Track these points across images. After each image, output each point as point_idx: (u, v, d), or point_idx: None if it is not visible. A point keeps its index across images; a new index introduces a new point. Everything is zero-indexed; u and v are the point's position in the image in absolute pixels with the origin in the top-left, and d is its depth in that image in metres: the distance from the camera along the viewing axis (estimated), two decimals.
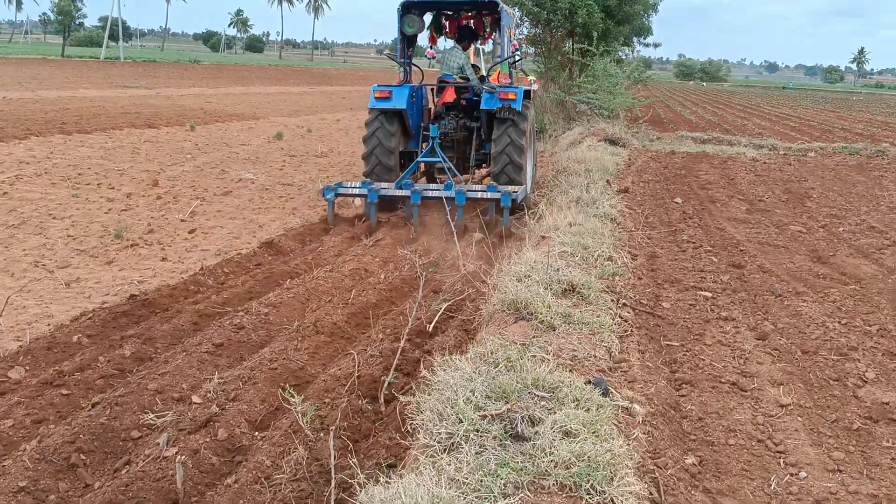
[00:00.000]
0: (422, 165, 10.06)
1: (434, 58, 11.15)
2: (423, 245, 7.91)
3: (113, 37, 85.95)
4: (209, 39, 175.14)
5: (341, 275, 6.51)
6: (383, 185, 8.89)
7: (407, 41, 9.95)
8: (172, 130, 18.00)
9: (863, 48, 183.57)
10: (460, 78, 9.81)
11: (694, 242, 7.70)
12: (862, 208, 10.17)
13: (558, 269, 5.42)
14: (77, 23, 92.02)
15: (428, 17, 10.10)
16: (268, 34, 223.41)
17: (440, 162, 9.22)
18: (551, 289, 5.03)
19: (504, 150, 8.96)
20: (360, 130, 21.13)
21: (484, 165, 10.09)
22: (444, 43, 11.00)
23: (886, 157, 16.65)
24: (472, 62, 10.39)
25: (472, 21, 10.38)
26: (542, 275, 5.20)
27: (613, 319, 4.82)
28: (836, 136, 24.83)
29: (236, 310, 5.43)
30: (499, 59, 10.49)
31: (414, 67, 10.28)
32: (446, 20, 10.40)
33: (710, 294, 5.85)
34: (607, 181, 10.47)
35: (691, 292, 5.92)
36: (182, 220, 8.85)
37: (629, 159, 13.99)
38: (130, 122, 18.98)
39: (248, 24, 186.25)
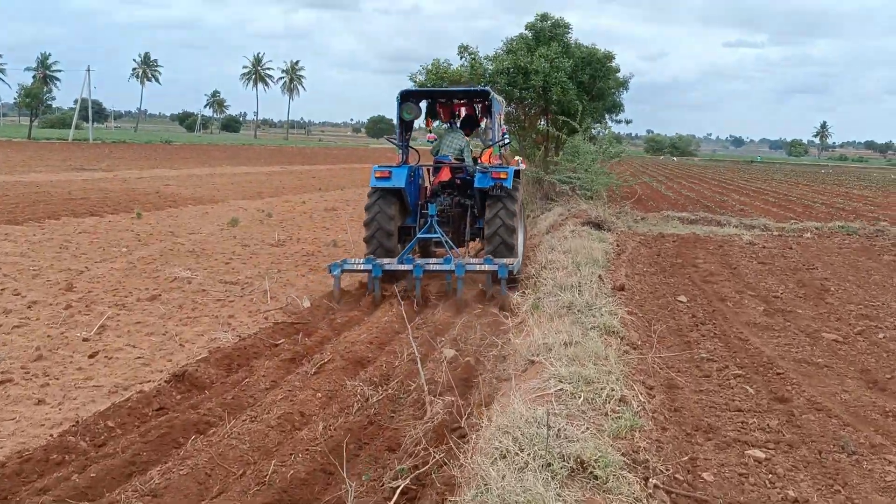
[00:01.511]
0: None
1: (434, 141, 11.35)
2: (381, 369, 6.32)
3: (88, 119, 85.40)
4: (185, 120, 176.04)
5: (265, 426, 4.87)
6: (385, 260, 9.34)
7: (405, 126, 10.66)
8: (116, 219, 16.43)
9: (825, 122, 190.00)
10: (456, 159, 10.50)
11: (717, 362, 6.21)
12: (892, 303, 8.83)
13: (558, 432, 3.86)
14: (45, 104, 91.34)
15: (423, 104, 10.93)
16: (245, 114, 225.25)
17: (438, 237, 9.84)
18: (552, 471, 3.47)
19: (496, 232, 9.62)
20: (325, 213, 19.93)
21: (477, 239, 10.85)
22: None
23: (887, 237, 15.55)
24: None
25: (465, 109, 11.34)
26: (537, 446, 3.63)
27: None
28: (819, 212, 24.11)
29: None
30: (490, 142, 11.02)
31: (411, 149, 10.93)
32: (440, 107, 11.16)
33: (762, 454, 4.30)
34: (599, 276, 9.04)
35: (736, 450, 4.37)
36: (85, 340, 7.18)
37: (617, 246, 12.66)
38: (72, 209, 17.40)
39: (225, 104, 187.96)
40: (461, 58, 21.19)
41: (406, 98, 10.35)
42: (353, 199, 24.61)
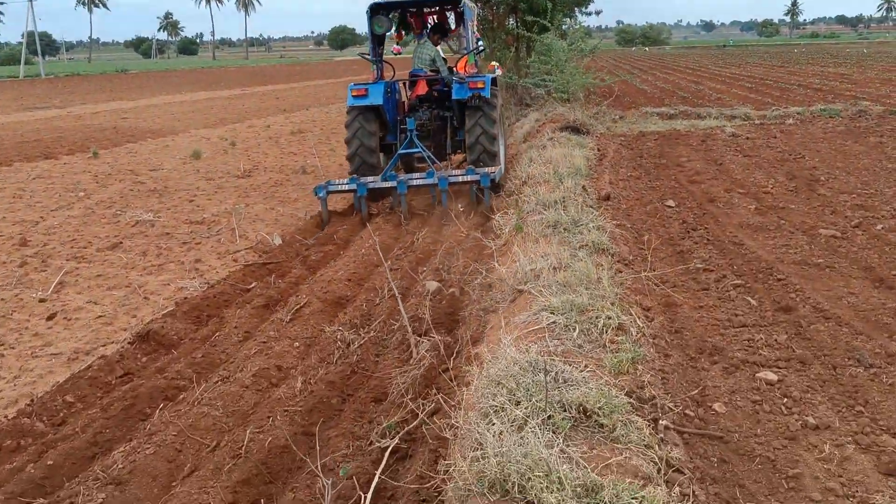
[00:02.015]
0: None
1: (399, 53, 11.62)
2: (361, 309, 5.94)
3: (37, 52, 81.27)
4: (140, 46, 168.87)
5: (239, 386, 4.50)
6: (369, 178, 9.30)
7: (377, 40, 10.38)
8: (72, 160, 15.59)
9: (795, 0, 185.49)
10: (430, 70, 10.25)
11: (714, 272, 5.88)
12: (885, 190, 8.51)
13: (556, 376, 3.52)
14: None
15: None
16: (201, 35, 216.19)
17: (419, 152, 9.71)
18: (553, 424, 3.13)
19: (477, 140, 9.50)
20: (291, 137, 19.12)
21: (459, 151, 10.68)
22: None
23: (870, 118, 15.15)
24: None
25: (436, 17, 10.97)
26: (535, 397, 3.29)
27: (661, 471, 2.96)
28: (798, 95, 23.64)
29: (56, 499, 3.41)
30: (465, 51, 10.82)
31: (385, 63, 10.61)
32: (411, 18, 10.87)
33: (773, 375, 4.01)
34: (583, 187, 8.61)
35: (746, 373, 4.08)
36: (42, 301, 6.71)
37: (598, 150, 12.16)
38: (25, 153, 16.50)
39: (179, 26, 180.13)
40: None
41: (376, 11, 10.01)
42: (320, 120, 23.70)
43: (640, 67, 50.35)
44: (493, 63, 12.12)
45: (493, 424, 3.10)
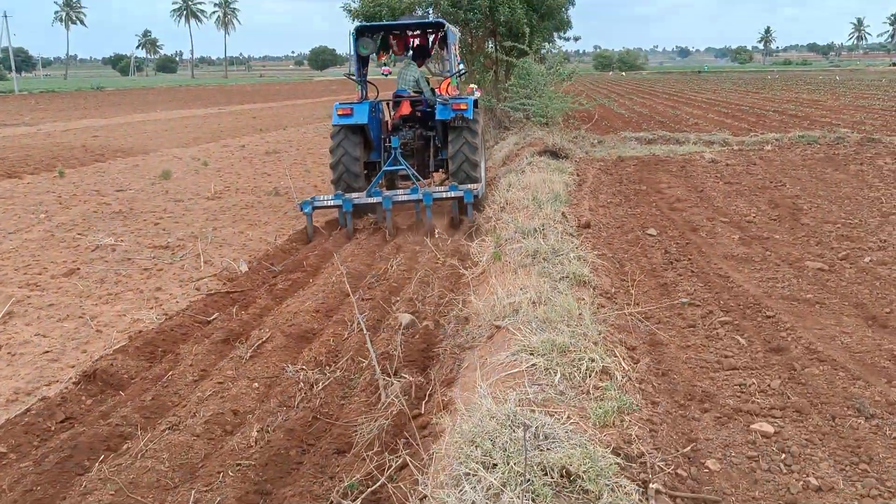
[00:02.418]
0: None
1: (389, 74, 12.07)
2: (328, 344, 5.58)
3: (15, 68, 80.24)
4: (118, 63, 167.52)
5: (190, 434, 4.11)
6: (354, 194, 9.50)
7: (362, 61, 10.65)
8: (36, 180, 15.06)
9: (769, 27, 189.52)
10: (414, 91, 10.57)
11: (700, 306, 5.61)
12: (869, 220, 8.35)
13: (536, 432, 3.18)
14: None
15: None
16: (181, 53, 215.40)
17: (403, 169, 10.03)
18: (533, 490, 2.80)
19: (460, 150, 9.76)
20: (266, 157, 18.75)
21: (440, 170, 10.95)
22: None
23: (848, 145, 15.15)
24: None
25: (419, 40, 11.30)
26: (511, 456, 2.95)
27: None
28: (774, 121, 23.88)
29: None
30: (447, 73, 11.17)
31: (369, 84, 10.84)
32: (394, 40, 11.13)
33: (769, 427, 3.71)
34: (563, 214, 8.35)
35: (740, 424, 3.78)
36: None
37: (577, 175, 11.94)
38: None
39: (158, 44, 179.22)
40: None
41: (362, 33, 10.42)
42: (297, 140, 23.37)
43: (618, 92, 50.77)
44: (472, 85, 12.38)
45: (466, 493, 2.76)
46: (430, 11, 19.93)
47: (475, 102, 10.19)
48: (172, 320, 6.33)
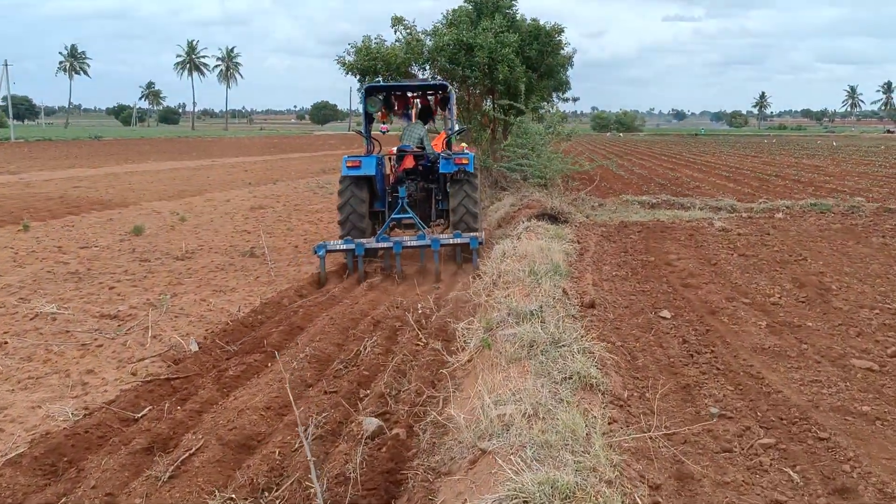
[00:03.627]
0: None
1: (386, 132, 12.25)
2: (271, 459, 4.48)
3: (18, 116, 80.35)
4: (120, 113, 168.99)
5: None
6: (365, 239, 10.12)
7: (369, 118, 11.36)
8: None
9: (763, 93, 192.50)
10: (417, 147, 11.21)
11: (734, 420, 4.55)
12: None
13: None
14: None
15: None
16: (184, 105, 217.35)
17: (409, 218, 10.61)
18: None
19: (462, 202, 10.49)
20: (249, 213, 17.82)
21: (440, 220, 11.57)
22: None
23: (864, 214, 14.30)
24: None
25: (420, 101, 12.16)
26: None
27: None
28: (777, 186, 23.34)
29: None
30: (449, 131, 11.89)
31: (373, 140, 11.40)
32: (396, 99, 12.01)
33: None
34: (563, 290, 7.33)
35: None
36: None
37: (579, 242, 10.99)
38: None
39: (161, 96, 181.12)
40: (395, 31, 19.26)
41: (371, 92, 11.32)
42: (285, 194, 22.55)
43: (616, 153, 50.51)
44: (463, 144, 12.63)
45: None
46: (427, 68, 19.38)
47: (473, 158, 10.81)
48: (92, 417, 5.23)
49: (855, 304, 7.47)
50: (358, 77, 19.16)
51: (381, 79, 18.85)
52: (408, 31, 18.94)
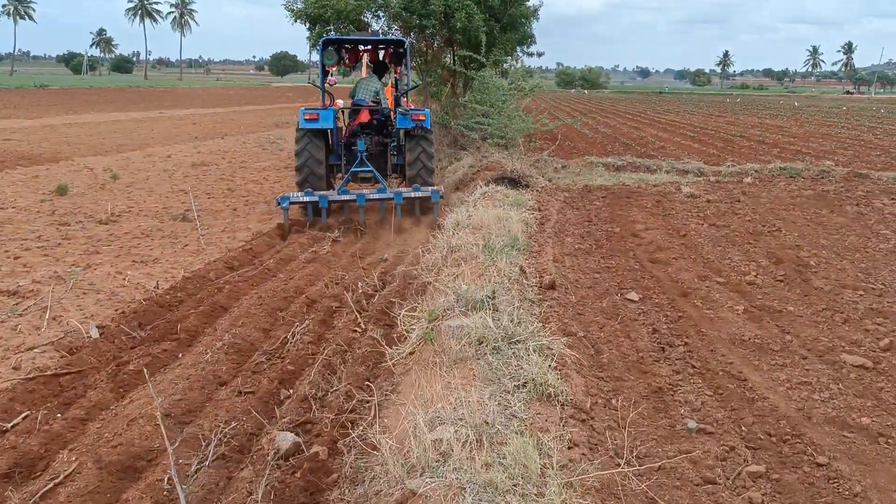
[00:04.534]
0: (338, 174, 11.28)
1: (334, 84, 12.27)
2: (155, 488, 3.65)
3: None
4: (70, 61, 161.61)
5: None
6: (328, 192, 10.19)
7: (325, 71, 11.29)
8: None
9: (727, 52, 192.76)
10: (372, 101, 11.06)
11: (714, 437, 3.84)
12: (893, 283, 6.77)
13: None
14: None
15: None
16: (138, 54, 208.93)
17: (366, 171, 10.57)
18: None
19: (418, 157, 10.56)
20: (190, 170, 16.61)
21: (395, 175, 11.53)
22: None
23: (835, 179, 13.78)
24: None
25: (369, 55, 11.90)
26: None
27: None
28: (742, 147, 23.12)
29: None
30: (405, 87, 11.88)
31: (327, 93, 11.12)
32: (349, 53, 11.86)
33: None
34: (521, 268, 6.55)
35: None
36: None
37: (539, 210, 10.19)
38: None
39: (113, 43, 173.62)
40: None
41: (327, 45, 11.23)
42: (232, 150, 21.25)
43: (580, 110, 49.66)
44: (411, 101, 12.30)
45: None
46: (381, 15, 18.12)
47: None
48: None
49: (836, 283, 6.84)
50: (307, 25, 17.83)
51: (332, 28, 17.58)
52: None
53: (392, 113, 11.12)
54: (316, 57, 11.58)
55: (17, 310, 6.62)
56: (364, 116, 10.97)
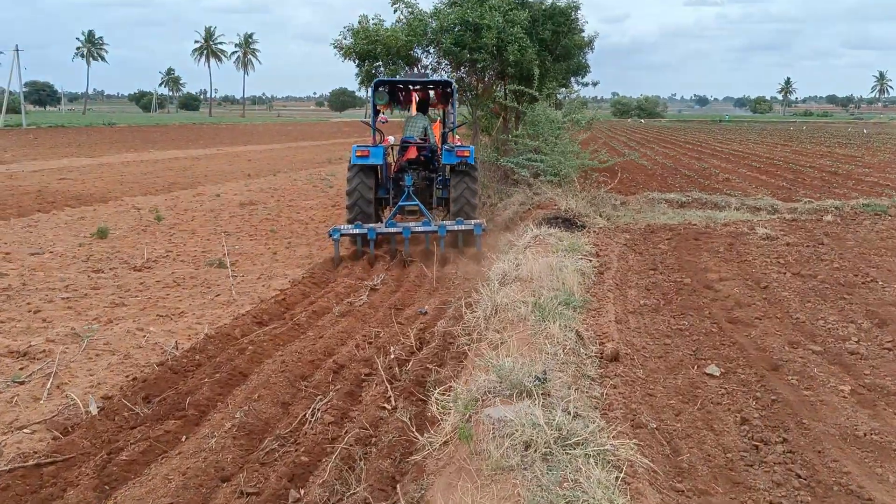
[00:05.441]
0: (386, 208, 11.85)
1: (386, 122, 12.43)
2: None
3: (40, 102, 79.42)
4: (141, 99, 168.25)
5: None
6: (376, 224, 10.72)
7: (376, 110, 11.97)
8: None
9: (788, 78, 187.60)
10: (420, 138, 11.67)
11: None
12: None
13: None
14: None
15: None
16: (205, 92, 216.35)
17: (412, 205, 11.05)
18: None
19: (462, 193, 10.99)
20: (237, 210, 16.21)
21: (439, 209, 12.02)
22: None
23: None
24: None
25: (419, 94, 12.36)
26: None
27: None
28: (813, 179, 21.78)
29: None
30: (450, 125, 12.28)
31: (378, 131, 11.83)
32: (400, 93, 12.41)
33: None
34: (577, 333, 5.65)
35: None
36: None
37: (598, 255, 9.25)
38: None
39: (181, 82, 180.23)
40: (395, 11, 17.50)
41: (378, 86, 11.87)
42: (282, 188, 21.00)
43: (638, 140, 48.46)
44: (456, 136, 12.62)
45: None
46: (431, 51, 17.60)
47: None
48: None
49: None
50: (356, 62, 17.43)
51: (381, 64, 17.13)
52: (409, 9, 17.16)
53: (439, 149, 11.57)
54: (365, 93, 11.81)
55: (20, 376, 6.05)
56: (412, 153, 11.60)
